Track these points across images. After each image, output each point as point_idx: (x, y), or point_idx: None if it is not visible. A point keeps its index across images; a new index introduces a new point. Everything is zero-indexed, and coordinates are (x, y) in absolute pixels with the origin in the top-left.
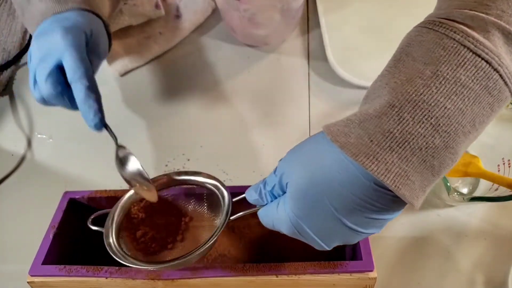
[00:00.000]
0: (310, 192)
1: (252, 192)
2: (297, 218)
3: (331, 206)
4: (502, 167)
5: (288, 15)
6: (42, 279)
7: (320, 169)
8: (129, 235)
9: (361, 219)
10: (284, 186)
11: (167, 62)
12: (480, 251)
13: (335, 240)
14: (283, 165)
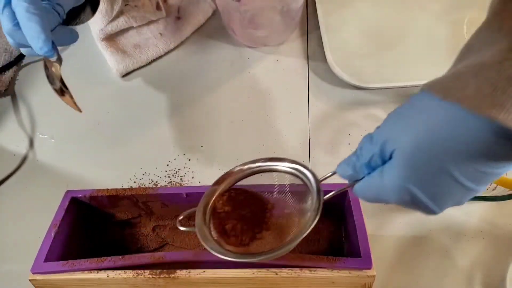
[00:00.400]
0: (424, 154)
1: (345, 167)
2: (408, 184)
3: (447, 165)
4: None
5: (287, 16)
6: (43, 276)
7: (432, 128)
8: (219, 231)
9: (477, 174)
10: (386, 154)
11: (167, 63)
12: (478, 250)
13: (448, 201)
14: (383, 132)
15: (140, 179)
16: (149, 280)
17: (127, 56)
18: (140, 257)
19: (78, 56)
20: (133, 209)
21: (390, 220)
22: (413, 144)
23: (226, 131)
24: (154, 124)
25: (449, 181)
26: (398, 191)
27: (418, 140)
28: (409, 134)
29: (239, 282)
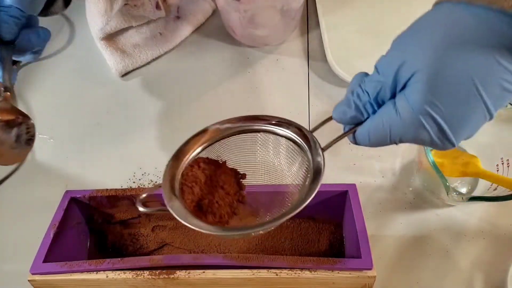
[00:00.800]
0: (451, 70)
1: (344, 109)
2: (431, 110)
3: (476, 81)
4: (501, 167)
5: (288, 15)
6: (42, 277)
7: (458, 36)
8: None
9: (500, 92)
10: (402, 80)
11: (167, 62)
12: (479, 251)
13: (466, 128)
14: (396, 56)
15: (139, 179)
16: (149, 280)
17: (127, 56)
18: (139, 260)
19: (77, 56)
20: (132, 209)
21: (391, 221)
22: (436, 61)
23: None
24: (153, 124)
25: (473, 101)
26: (417, 122)
27: (441, 54)
28: (430, 49)
29: (239, 283)
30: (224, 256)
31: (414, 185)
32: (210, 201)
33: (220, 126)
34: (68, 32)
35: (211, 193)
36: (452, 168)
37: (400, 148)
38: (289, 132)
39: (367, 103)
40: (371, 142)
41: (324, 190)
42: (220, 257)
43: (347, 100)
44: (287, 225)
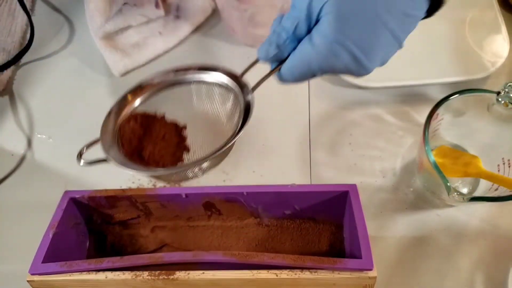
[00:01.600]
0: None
1: (267, 47)
2: (343, 39)
3: (379, 9)
4: (502, 167)
5: None
6: (41, 277)
7: None
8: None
9: (402, 18)
10: (314, 14)
11: (167, 62)
12: (479, 251)
13: (378, 54)
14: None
15: (138, 180)
16: (148, 281)
17: (126, 56)
18: (139, 258)
19: (76, 55)
20: (131, 210)
21: (391, 221)
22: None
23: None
24: None
25: (380, 28)
26: (331, 51)
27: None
28: None
29: (238, 284)
30: (224, 253)
31: (415, 186)
32: (151, 151)
33: (153, 80)
34: (68, 32)
35: (151, 144)
36: (453, 168)
37: (401, 149)
38: (220, 78)
39: (287, 40)
40: (294, 77)
41: (325, 190)
42: (220, 254)
43: (269, 39)
44: (287, 226)
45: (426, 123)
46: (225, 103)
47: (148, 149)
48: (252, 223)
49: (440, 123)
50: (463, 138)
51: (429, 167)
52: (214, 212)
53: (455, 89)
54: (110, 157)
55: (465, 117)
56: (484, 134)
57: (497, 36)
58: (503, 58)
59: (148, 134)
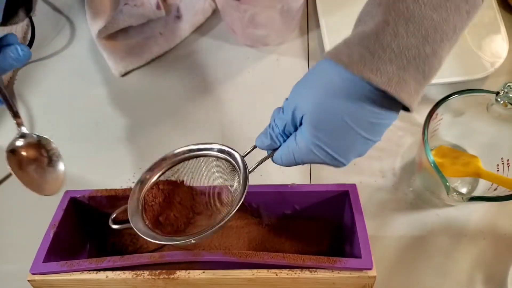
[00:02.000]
0: (327, 114)
1: (262, 139)
2: (317, 143)
3: (347, 120)
4: (501, 167)
5: (288, 15)
6: (42, 277)
7: (332, 90)
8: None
9: (371, 126)
10: (297, 120)
11: (167, 62)
12: (479, 251)
13: (351, 152)
14: (292, 101)
15: None
16: (149, 281)
17: (127, 56)
18: (139, 257)
19: (77, 56)
20: None
21: (391, 221)
22: (317, 105)
23: (226, 131)
24: (153, 124)
25: (349, 133)
26: (310, 150)
27: (320, 101)
28: (313, 99)
29: (239, 283)
30: (224, 252)
31: (414, 185)
32: (168, 215)
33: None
34: (68, 32)
35: (169, 208)
36: (453, 168)
37: (401, 149)
38: (227, 156)
39: (278, 134)
40: (283, 163)
41: (324, 190)
42: (220, 254)
43: (265, 131)
44: (287, 226)
45: (425, 123)
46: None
47: (166, 214)
48: (252, 223)
49: (440, 123)
50: (463, 138)
51: (429, 167)
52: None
53: (455, 89)
54: (133, 224)
55: (465, 117)
56: (483, 134)
57: (496, 36)
58: (502, 58)
59: (167, 200)
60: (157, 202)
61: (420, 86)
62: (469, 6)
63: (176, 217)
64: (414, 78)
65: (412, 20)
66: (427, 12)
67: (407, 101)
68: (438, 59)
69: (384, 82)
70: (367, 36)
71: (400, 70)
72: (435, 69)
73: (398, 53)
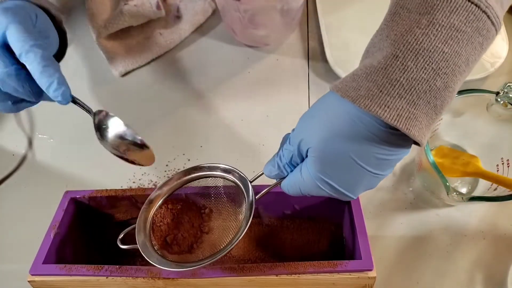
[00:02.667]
0: (333, 150)
1: (270, 168)
2: (323, 177)
3: (354, 157)
4: (501, 167)
5: (288, 15)
6: (42, 278)
7: (338, 126)
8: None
9: (379, 162)
10: (303, 152)
11: (167, 62)
12: (479, 251)
13: (360, 187)
14: (298, 134)
15: (139, 180)
16: (149, 281)
17: (127, 56)
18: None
19: (77, 56)
20: (132, 209)
21: (391, 221)
22: (322, 141)
23: (226, 131)
24: (153, 124)
25: (356, 170)
26: (315, 184)
27: (326, 136)
28: (318, 132)
29: (239, 284)
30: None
31: (414, 186)
32: (175, 235)
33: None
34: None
35: (177, 228)
36: (452, 168)
37: None
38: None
39: (286, 164)
40: (290, 193)
41: None
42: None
43: (273, 160)
44: (287, 226)
45: None
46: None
47: (173, 234)
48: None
49: (440, 123)
50: (462, 138)
51: (429, 167)
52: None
53: None
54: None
55: (464, 117)
56: (483, 134)
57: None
58: (502, 58)
59: (175, 220)
60: (165, 222)
61: (431, 121)
62: (482, 38)
63: (183, 237)
64: (425, 113)
65: (421, 53)
66: (438, 45)
67: (418, 137)
68: (450, 93)
69: (393, 118)
70: (375, 70)
71: (410, 105)
72: (447, 102)
73: (408, 87)
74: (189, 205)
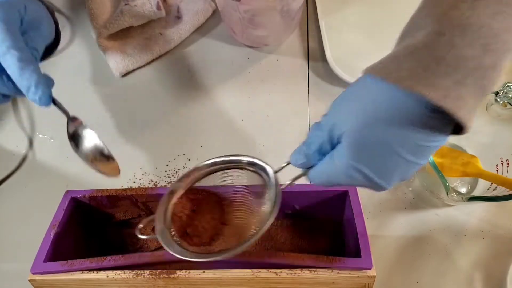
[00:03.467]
0: (369, 135)
1: (297, 157)
2: (357, 165)
3: (392, 142)
4: (501, 167)
5: (287, 16)
6: (43, 277)
7: (376, 109)
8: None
9: (418, 149)
10: (335, 139)
11: (167, 62)
12: (478, 250)
13: (394, 176)
14: (330, 119)
15: (139, 179)
16: (149, 280)
17: (127, 56)
18: (141, 256)
19: (78, 56)
20: (132, 209)
21: (390, 220)
22: (359, 125)
23: (226, 131)
24: (153, 124)
25: (393, 157)
26: (348, 172)
27: (363, 121)
28: (355, 116)
29: (239, 283)
30: None
31: (414, 185)
32: (195, 226)
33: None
34: (68, 32)
35: (197, 219)
36: (452, 168)
37: None
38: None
39: (314, 152)
40: (317, 183)
41: (324, 190)
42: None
43: (300, 148)
44: (287, 226)
45: None
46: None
47: (194, 226)
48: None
49: None
50: (462, 138)
51: (428, 167)
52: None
53: None
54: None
55: None
56: (482, 134)
57: None
58: None
59: (195, 211)
60: (186, 213)
61: (478, 102)
62: None
63: (204, 229)
64: (473, 94)
65: (469, 29)
66: (486, 20)
67: (465, 119)
68: (497, 72)
69: (440, 98)
70: (417, 49)
71: (457, 84)
72: (493, 83)
73: (455, 65)
74: (210, 196)
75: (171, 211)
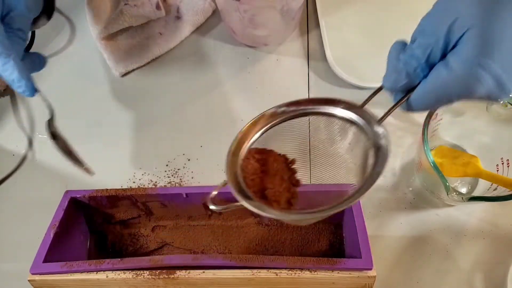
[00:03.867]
0: (502, 25)
1: (395, 77)
2: (485, 62)
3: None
4: (501, 167)
5: (288, 15)
6: (42, 277)
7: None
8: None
9: None
10: (453, 39)
11: (167, 62)
12: (479, 251)
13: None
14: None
15: (139, 179)
16: (149, 280)
17: (127, 56)
18: (139, 260)
19: (77, 56)
20: (132, 209)
21: (391, 220)
22: (490, 15)
23: (226, 131)
24: (153, 124)
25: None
26: (474, 76)
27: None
28: (483, 6)
29: (239, 283)
30: (224, 257)
31: (414, 185)
32: (272, 189)
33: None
34: (68, 32)
35: (271, 182)
36: (452, 168)
37: (400, 149)
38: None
39: (419, 67)
40: (427, 105)
41: (324, 190)
42: (220, 258)
43: (396, 69)
44: (287, 226)
45: (425, 123)
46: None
47: (270, 188)
48: (252, 223)
49: (439, 123)
50: (462, 138)
51: (428, 167)
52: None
53: None
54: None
55: (464, 117)
56: (483, 134)
57: None
58: None
59: (266, 172)
60: (258, 174)
61: None
62: None
63: (280, 192)
64: None
65: None
66: None
67: None
68: None
69: None
70: None
71: None
72: None
73: None
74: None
75: (241, 175)
